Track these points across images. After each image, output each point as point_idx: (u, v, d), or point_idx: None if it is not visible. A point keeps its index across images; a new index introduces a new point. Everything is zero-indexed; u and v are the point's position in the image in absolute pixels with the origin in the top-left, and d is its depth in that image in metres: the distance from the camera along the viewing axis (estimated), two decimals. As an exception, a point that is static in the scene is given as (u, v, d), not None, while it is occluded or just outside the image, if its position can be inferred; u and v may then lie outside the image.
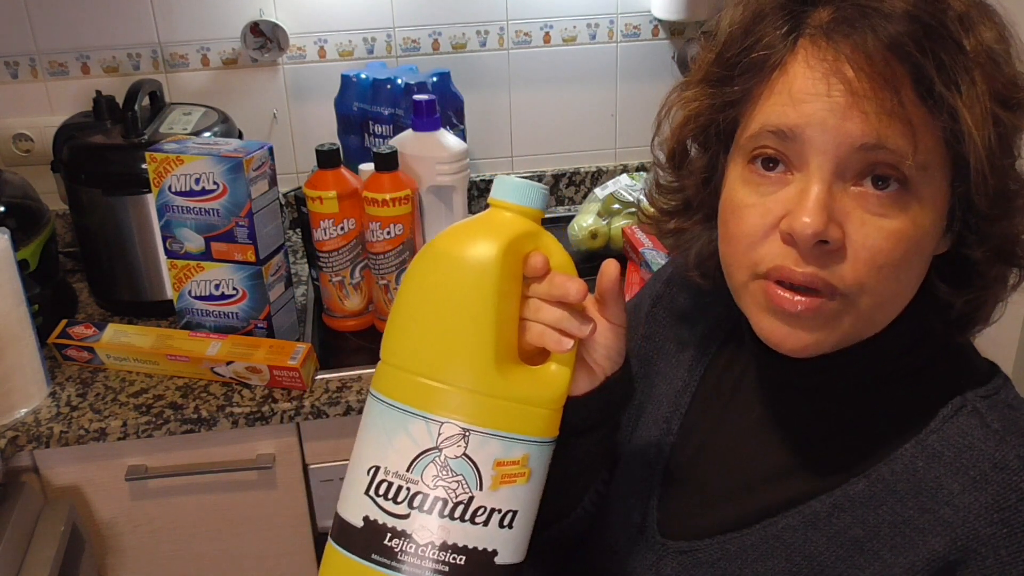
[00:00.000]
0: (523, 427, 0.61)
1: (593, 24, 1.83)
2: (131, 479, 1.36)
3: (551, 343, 0.62)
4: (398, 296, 0.63)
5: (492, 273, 0.59)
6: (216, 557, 1.46)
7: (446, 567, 0.59)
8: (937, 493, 0.63)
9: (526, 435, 0.61)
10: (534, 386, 0.62)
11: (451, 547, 0.59)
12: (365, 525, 0.60)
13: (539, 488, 0.63)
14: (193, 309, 1.44)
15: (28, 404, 1.33)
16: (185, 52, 1.75)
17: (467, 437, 0.59)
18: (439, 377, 0.60)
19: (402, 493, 0.59)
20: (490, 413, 0.60)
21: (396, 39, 1.80)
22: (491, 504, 0.60)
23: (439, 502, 0.59)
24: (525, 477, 0.61)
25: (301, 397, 1.34)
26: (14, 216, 1.43)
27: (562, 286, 0.61)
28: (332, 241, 1.43)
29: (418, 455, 0.59)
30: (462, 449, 0.59)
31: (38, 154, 1.74)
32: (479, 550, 0.60)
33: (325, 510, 1.45)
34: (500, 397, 0.60)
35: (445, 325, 0.60)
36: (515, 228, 0.61)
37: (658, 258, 1.53)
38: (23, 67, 1.72)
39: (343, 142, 1.71)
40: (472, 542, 0.60)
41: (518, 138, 1.92)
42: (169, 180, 1.35)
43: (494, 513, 0.60)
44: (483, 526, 0.60)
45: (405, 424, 0.60)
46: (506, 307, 0.61)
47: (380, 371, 0.63)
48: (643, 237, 1.62)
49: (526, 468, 0.61)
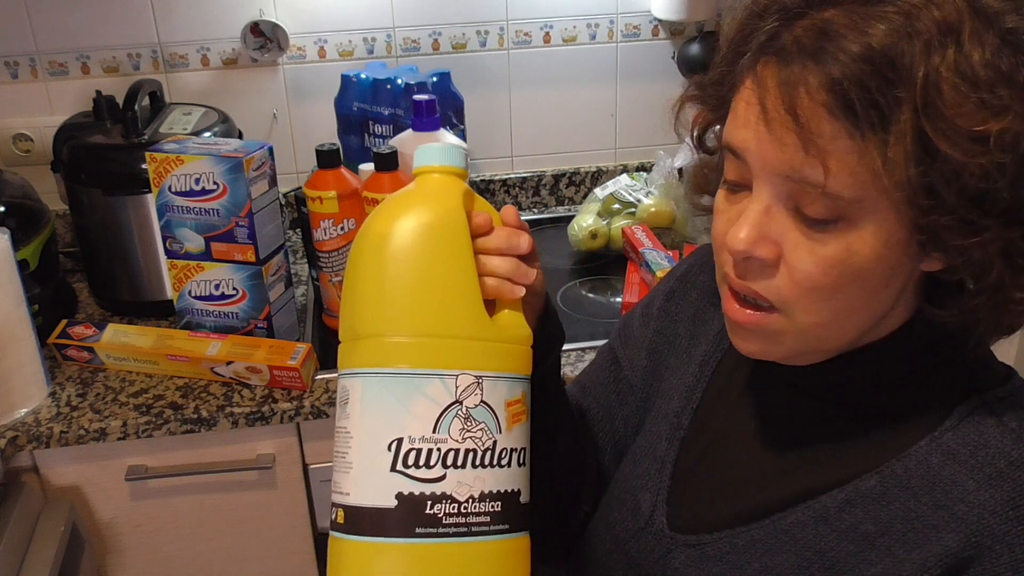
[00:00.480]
0: (517, 366, 0.64)
1: (593, 24, 1.83)
2: (131, 479, 1.36)
3: (507, 292, 0.66)
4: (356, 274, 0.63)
5: (462, 227, 0.62)
6: (216, 557, 1.46)
7: (488, 517, 0.60)
8: (952, 490, 0.63)
9: (521, 373, 0.64)
10: (510, 328, 0.65)
11: (488, 495, 0.60)
12: (400, 502, 0.59)
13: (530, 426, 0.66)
14: (193, 309, 1.44)
15: (28, 404, 1.33)
16: (185, 52, 1.75)
17: (480, 384, 0.61)
18: (442, 333, 0.60)
19: (434, 456, 0.59)
20: (493, 357, 0.62)
21: (396, 39, 1.80)
22: (510, 444, 0.62)
23: (470, 454, 0.60)
24: (527, 414, 0.65)
25: (301, 397, 1.34)
26: (14, 216, 1.43)
27: (513, 238, 0.67)
28: (332, 241, 1.43)
29: (441, 413, 0.59)
30: (480, 397, 0.61)
31: (38, 154, 1.74)
32: (508, 492, 0.62)
33: (325, 510, 1.45)
34: (495, 340, 0.63)
35: (432, 285, 0.61)
36: (458, 187, 0.65)
37: (658, 258, 1.53)
38: (23, 67, 1.72)
39: (343, 142, 1.71)
40: (502, 486, 0.61)
41: (518, 138, 1.92)
42: (169, 180, 1.35)
43: (513, 453, 0.62)
44: (508, 467, 0.62)
45: (420, 387, 0.59)
46: (471, 255, 0.63)
47: (365, 347, 0.62)
48: (643, 237, 1.62)
49: (526, 405, 0.64)
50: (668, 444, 0.78)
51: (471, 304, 0.62)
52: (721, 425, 0.77)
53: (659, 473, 0.78)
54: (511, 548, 0.62)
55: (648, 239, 1.61)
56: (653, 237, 1.62)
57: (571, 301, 1.60)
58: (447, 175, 0.66)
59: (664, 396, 0.82)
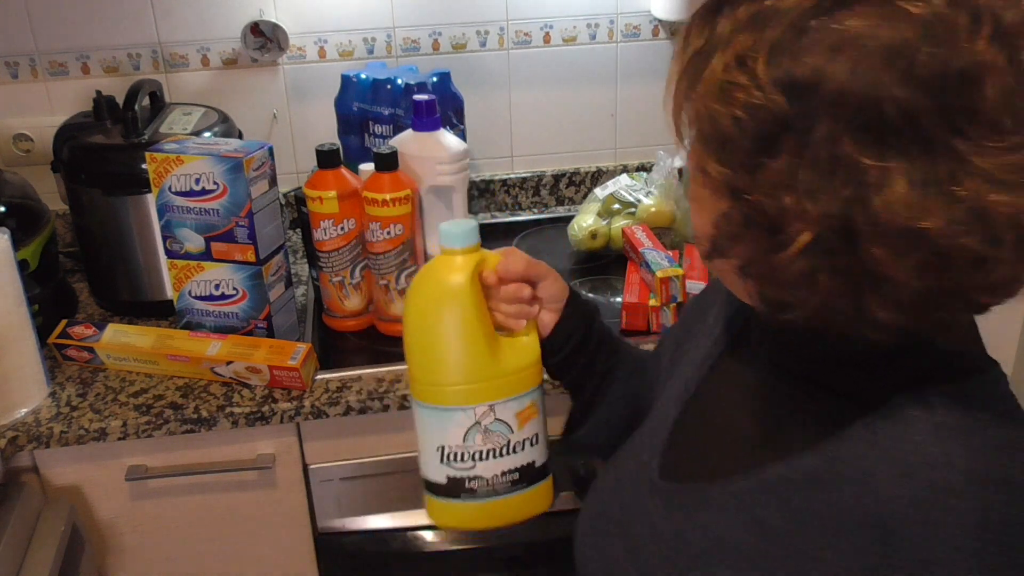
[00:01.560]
0: (524, 386, 0.90)
1: (593, 24, 1.83)
2: (131, 479, 1.36)
3: (515, 325, 0.90)
4: (406, 331, 0.89)
5: (473, 297, 0.86)
6: (216, 557, 1.46)
7: (509, 484, 0.91)
8: (869, 481, 0.63)
9: (528, 390, 0.90)
10: (519, 355, 0.90)
11: (508, 471, 0.91)
12: (448, 480, 0.91)
13: (543, 410, 0.92)
14: (193, 309, 1.44)
15: (28, 404, 1.33)
16: (185, 52, 1.75)
17: (493, 409, 0.88)
18: (461, 381, 0.88)
19: (466, 455, 0.89)
20: (501, 389, 0.88)
21: (396, 39, 1.80)
22: (522, 437, 0.90)
23: (491, 451, 0.89)
24: (537, 414, 0.91)
25: (301, 397, 1.34)
26: (14, 216, 1.43)
27: (514, 292, 0.89)
28: (332, 241, 1.43)
29: (467, 431, 0.88)
30: (493, 417, 0.88)
31: (38, 154, 1.74)
32: (524, 465, 0.91)
33: (325, 510, 1.45)
34: (503, 376, 0.88)
35: (451, 345, 0.87)
36: (471, 262, 0.87)
37: (658, 258, 1.53)
38: (23, 67, 1.72)
39: (343, 142, 1.71)
40: (518, 463, 0.91)
41: (518, 138, 1.92)
42: (169, 180, 1.35)
43: (525, 441, 0.91)
44: (521, 451, 0.90)
45: (452, 417, 0.88)
46: (483, 315, 0.88)
47: (416, 387, 0.90)
48: (643, 237, 1.62)
49: (536, 408, 0.91)
50: (675, 405, 0.84)
51: (483, 354, 0.87)
52: (716, 391, 0.82)
53: (662, 428, 0.84)
54: (529, 496, 0.92)
55: (648, 239, 1.61)
56: (653, 237, 1.62)
57: (571, 301, 1.59)
58: (464, 254, 0.87)
59: (681, 366, 0.89)
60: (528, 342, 0.91)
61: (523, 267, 0.89)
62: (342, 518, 1.46)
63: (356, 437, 1.40)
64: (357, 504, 1.45)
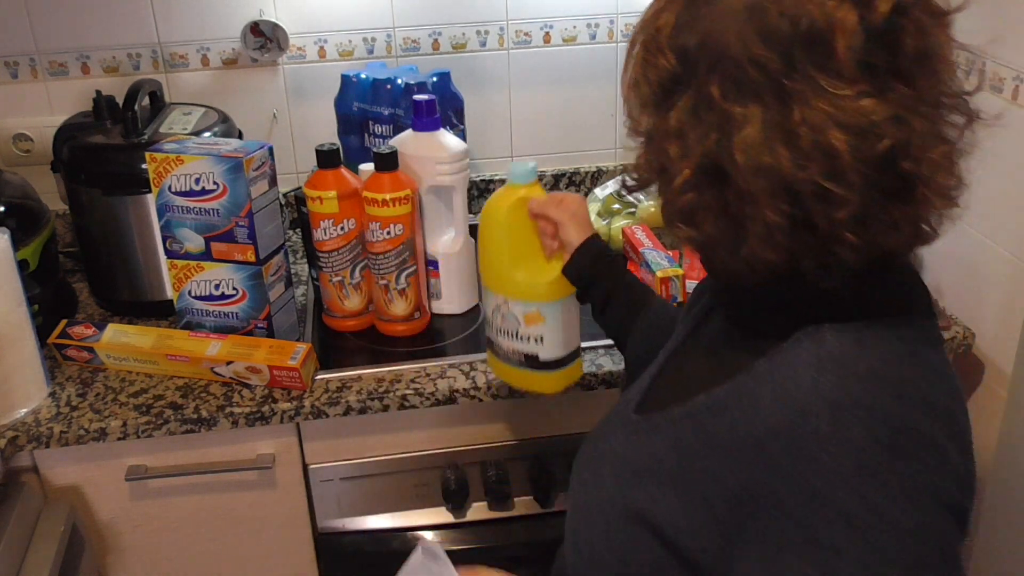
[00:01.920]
0: (531, 296, 1.16)
1: (593, 24, 1.83)
2: (131, 479, 1.36)
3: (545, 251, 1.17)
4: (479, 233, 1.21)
5: (503, 221, 1.16)
6: (216, 557, 1.46)
7: (517, 360, 1.21)
8: (755, 407, 0.69)
9: (533, 300, 1.16)
10: (536, 273, 1.16)
11: (516, 351, 1.21)
12: (489, 339, 1.26)
13: (556, 325, 1.17)
14: (193, 309, 1.44)
15: (28, 404, 1.33)
16: (185, 52, 1.75)
17: (507, 302, 1.18)
18: (492, 275, 1.19)
19: (495, 326, 1.22)
20: (513, 291, 1.17)
21: (396, 39, 1.80)
22: (528, 333, 1.18)
23: (505, 331, 1.21)
24: (542, 320, 1.17)
25: (301, 397, 1.34)
26: (14, 216, 1.43)
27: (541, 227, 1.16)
28: (332, 241, 1.43)
29: (493, 309, 1.21)
30: (508, 307, 1.18)
31: (38, 154, 1.74)
32: (528, 353, 1.20)
33: (325, 510, 1.45)
34: (516, 283, 1.17)
35: (488, 249, 1.19)
36: (516, 194, 1.16)
37: (658, 258, 1.53)
38: (23, 67, 1.72)
39: (343, 142, 1.71)
40: (524, 349, 1.20)
41: (518, 138, 1.92)
42: (169, 180, 1.35)
43: (530, 336, 1.18)
44: (527, 342, 1.19)
45: (488, 294, 1.22)
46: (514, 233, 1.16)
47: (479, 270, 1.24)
48: (643, 237, 1.62)
49: (541, 316, 1.16)
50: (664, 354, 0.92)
51: (506, 261, 1.17)
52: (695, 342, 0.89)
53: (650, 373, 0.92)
54: (533, 377, 1.21)
55: (648, 239, 1.61)
56: (653, 237, 1.62)
57: (571, 301, 1.60)
58: (517, 188, 1.16)
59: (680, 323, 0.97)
60: (549, 267, 1.17)
61: (538, 208, 1.14)
62: (342, 518, 1.46)
63: (356, 437, 1.40)
64: (357, 504, 1.45)
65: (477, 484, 1.45)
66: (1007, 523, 1.46)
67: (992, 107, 0.71)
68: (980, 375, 1.49)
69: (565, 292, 1.16)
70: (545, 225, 1.15)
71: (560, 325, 1.17)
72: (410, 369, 1.40)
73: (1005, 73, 1.37)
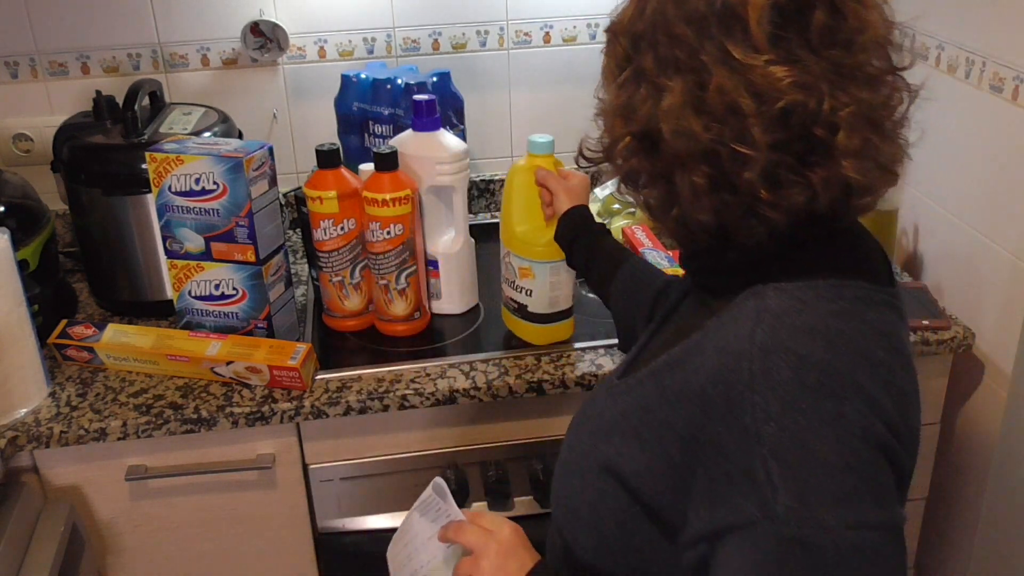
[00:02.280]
0: (524, 253, 1.35)
1: (593, 24, 1.83)
2: (131, 479, 1.36)
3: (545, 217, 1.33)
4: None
5: (513, 186, 1.34)
6: (216, 557, 1.46)
7: (512, 308, 1.42)
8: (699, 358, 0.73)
9: (526, 257, 1.35)
10: (534, 234, 1.33)
11: (511, 299, 1.41)
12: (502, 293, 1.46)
13: (544, 283, 1.36)
14: (193, 309, 1.44)
15: (28, 404, 1.33)
16: (185, 52, 1.75)
17: (509, 255, 1.37)
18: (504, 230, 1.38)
19: (502, 273, 1.42)
20: (513, 246, 1.36)
21: (396, 39, 1.80)
22: (521, 285, 1.38)
23: (507, 280, 1.41)
24: (532, 276, 1.36)
25: (301, 397, 1.34)
26: (14, 216, 1.43)
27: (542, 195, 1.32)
28: (332, 241, 1.43)
29: (503, 257, 1.40)
30: (510, 259, 1.37)
31: (38, 154, 1.74)
32: (519, 303, 1.40)
33: (325, 510, 1.45)
34: (517, 239, 1.35)
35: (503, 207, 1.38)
36: (530, 164, 1.32)
37: (658, 258, 1.53)
38: (23, 67, 1.72)
39: (343, 142, 1.71)
40: (516, 298, 1.40)
41: (518, 138, 1.92)
42: (169, 180, 1.35)
43: (522, 287, 1.38)
44: (520, 292, 1.39)
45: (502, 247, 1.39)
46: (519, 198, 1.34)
47: None
48: (643, 237, 1.62)
49: (532, 272, 1.35)
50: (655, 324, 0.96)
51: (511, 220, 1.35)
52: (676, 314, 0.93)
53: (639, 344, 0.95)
54: (523, 326, 1.42)
55: (648, 239, 1.61)
56: (653, 237, 1.62)
57: (571, 301, 1.60)
58: (533, 158, 1.32)
59: None
60: (547, 231, 1.31)
61: (541, 179, 1.29)
62: (342, 518, 1.46)
63: (356, 437, 1.40)
64: (357, 504, 1.45)
65: (477, 484, 1.45)
66: (1008, 522, 1.46)
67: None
68: (980, 375, 1.49)
69: (556, 256, 1.32)
70: (545, 194, 1.30)
71: (547, 284, 1.36)
72: (410, 369, 1.40)
73: (1005, 73, 1.37)
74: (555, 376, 1.37)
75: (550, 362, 1.41)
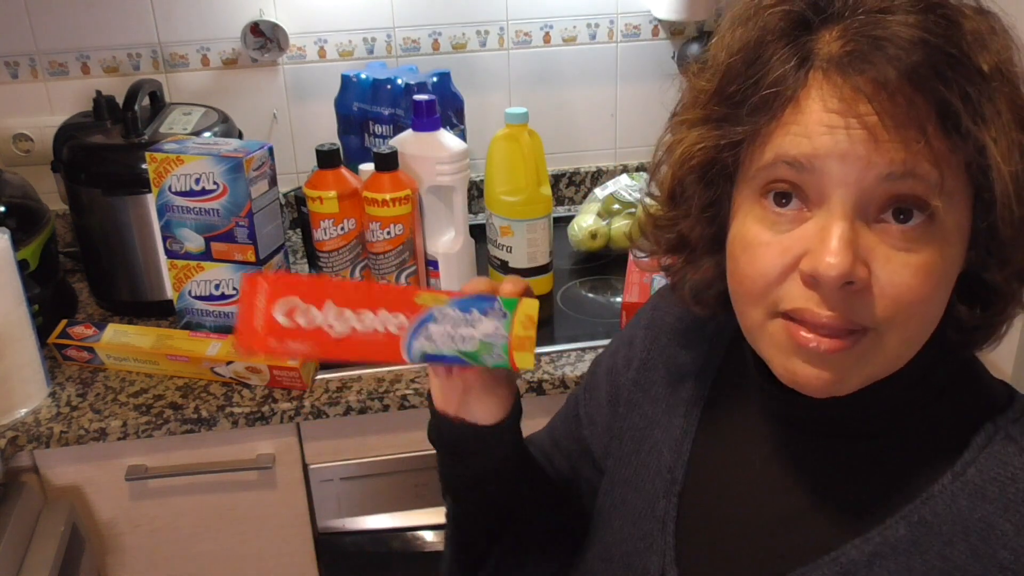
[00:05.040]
0: (506, 213, 1.49)
1: (593, 24, 1.83)
2: (131, 479, 1.36)
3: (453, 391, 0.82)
4: None
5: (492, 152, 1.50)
6: (216, 557, 1.46)
7: (495, 264, 1.55)
8: (989, 535, 0.59)
9: (507, 216, 1.49)
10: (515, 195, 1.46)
11: (494, 256, 1.55)
12: None
13: (522, 240, 1.50)
14: (193, 309, 1.44)
15: (28, 404, 1.33)
16: (185, 52, 1.75)
17: (492, 216, 1.52)
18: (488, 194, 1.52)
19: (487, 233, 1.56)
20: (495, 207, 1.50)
21: (396, 39, 1.80)
22: (502, 242, 1.52)
23: (490, 239, 1.54)
24: (512, 233, 1.49)
25: (301, 397, 1.34)
26: (14, 216, 1.43)
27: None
28: (332, 241, 1.43)
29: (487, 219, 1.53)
30: (492, 220, 1.51)
31: (38, 154, 1.74)
32: (501, 259, 1.53)
33: (325, 510, 1.45)
34: (499, 200, 1.48)
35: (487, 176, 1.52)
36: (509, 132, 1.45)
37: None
38: (23, 67, 1.72)
39: (343, 142, 1.71)
40: (499, 257, 1.54)
41: (518, 138, 1.91)
42: (169, 180, 1.35)
43: (503, 245, 1.52)
44: (501, 250, 1.52)
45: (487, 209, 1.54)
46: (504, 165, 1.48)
47: None
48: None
49: (511, 230, 1.49)
50: (666, 502, 0.74)
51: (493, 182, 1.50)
52: (719, 474, 0.72)
53: (662, 533, 0.73)
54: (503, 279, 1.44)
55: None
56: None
57: (571, 301, 1.60)
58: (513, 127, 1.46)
59: (652, 451, 0.77)
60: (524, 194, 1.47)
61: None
62: (342, 518, 1.46)
63: (356, 437, 1.40)
64: (357, 504, 1.45)
65: (477, 484, 1.45)
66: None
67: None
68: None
69: (531, 215, 1.48)
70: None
71: (525, 242, 1.50)
72: (410, 369, 1.40)
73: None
74: (555, 376, 1.37)
75: (550, 362, 1.41)
